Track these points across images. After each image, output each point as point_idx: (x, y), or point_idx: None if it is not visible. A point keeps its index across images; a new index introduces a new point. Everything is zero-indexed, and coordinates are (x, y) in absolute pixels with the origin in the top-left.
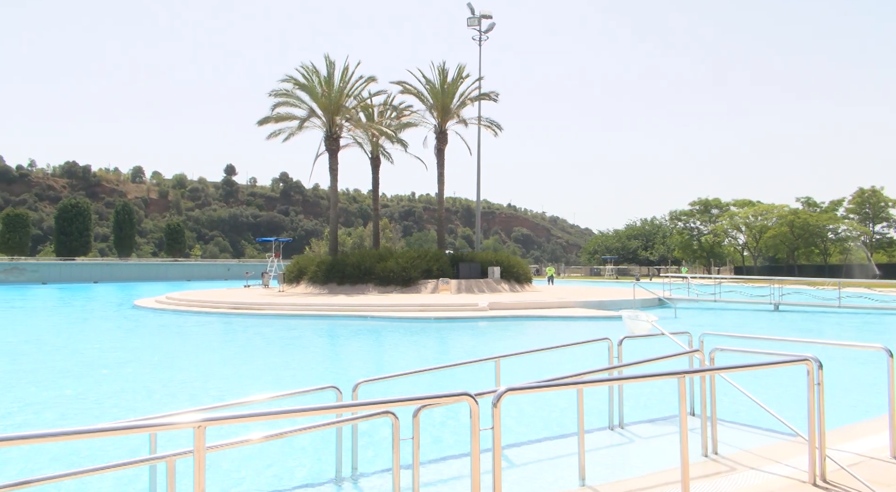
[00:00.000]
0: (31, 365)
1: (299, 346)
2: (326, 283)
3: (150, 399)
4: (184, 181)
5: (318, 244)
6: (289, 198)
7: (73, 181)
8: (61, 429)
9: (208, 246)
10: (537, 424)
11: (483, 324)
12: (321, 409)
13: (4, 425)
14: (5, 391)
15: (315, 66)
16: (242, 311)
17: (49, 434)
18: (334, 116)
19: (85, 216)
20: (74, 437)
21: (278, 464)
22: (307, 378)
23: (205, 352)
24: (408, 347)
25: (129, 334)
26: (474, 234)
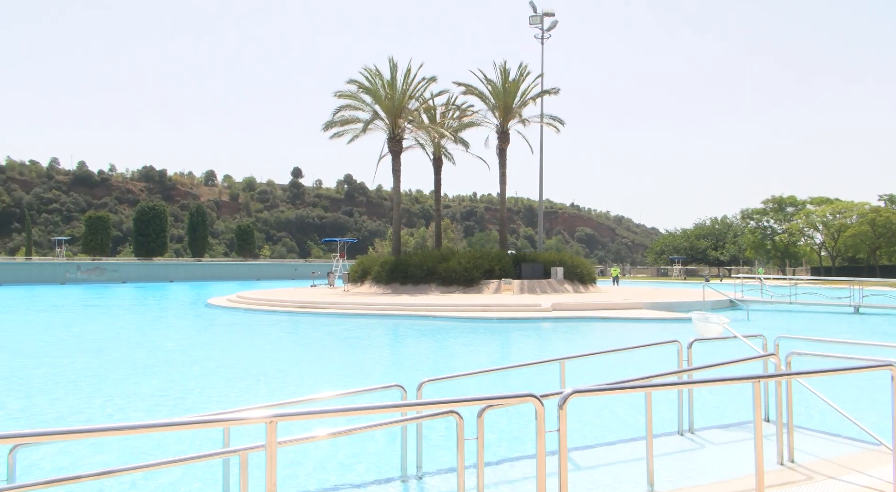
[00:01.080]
0: (113, 361)
1: (364, 344)
2: (390, 283)
3: (222, 395)
4: (253, 184)
5: (382, 245)
6: (353, 199)
7: (150, 185)
8: (141, 422)
9: (276, 246)
10: (602, 427)
11: (546, 325)
12: (387, 407)
13: (89, 418)
14: (89, 386)
15: (378, 69)
16: (309, 310)
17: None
18: (397, 118)
19: (161, 218)
20: (154, 430)
21: (345, 460)
22: (371, 376)
23: (273, 350)
24: (470, 348)
25: (203, 332)
26: (537, 234)
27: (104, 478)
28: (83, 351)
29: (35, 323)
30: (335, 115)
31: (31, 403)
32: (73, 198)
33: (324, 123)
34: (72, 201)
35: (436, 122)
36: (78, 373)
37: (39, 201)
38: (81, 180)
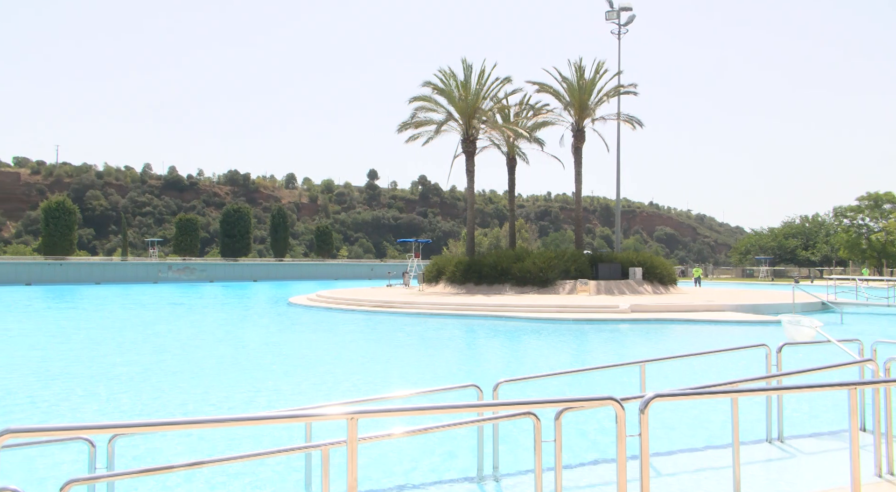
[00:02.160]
0: (201, 357)
1: (438, 344)
2: (464, 283)
3: (303, 391)
4: (331, 186)
5: (456, 245)
6: (427, 200)
7: (234, 188)
8: (228, 416)
9: (353, 247)
10: (684, 433)
11: (624, 327)
12: (464, 407)
13: (176, 412)
14: (176, 380)
15: (452, 71)
16: (385, 309)
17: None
18: (471, 119)
19: (246, 220)
20: (240, 423)
21: (422, 458)
22: (446, 376)
23: (351, 348)
24: (545, 349)
25: (284, 330)
26: (614, 233)
27: (195, 468)
28: (174, 347)
29: (132, 320)
30: (410, 118)
31: (127, 396)
32: (164, 201)
33: (399, 126)
34: (163, 205)
35: (510, 121)
36: (168, 368)
37: (134, 205)
38: (172, 185)
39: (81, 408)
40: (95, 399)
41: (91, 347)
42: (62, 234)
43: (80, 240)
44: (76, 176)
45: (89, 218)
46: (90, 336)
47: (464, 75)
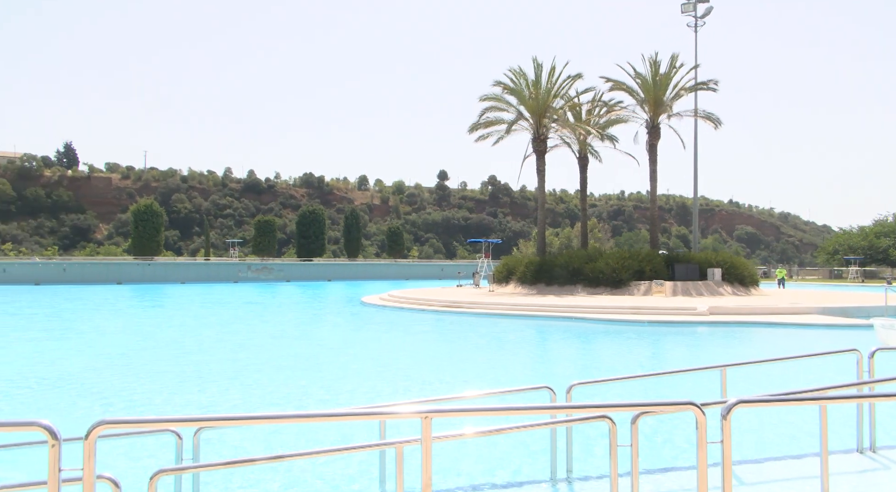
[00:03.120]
0: (278, 354)
1: (509, 345)
2: (535, 283)
3: (376, 389)
4: (402, 187)
5: (526, 245)
6: (497, 200)
7: (310, 190)
8: (306, 411)
9: (424, 247)
10: (768, 441)
11: (702, 329)
12: (538, 409)
13: (256, 407)
14: (257, 377)
15: (522, 70)
16: (455, 309)
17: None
18: (541, 118)
19: (320, 222)
20: (317, 419)
21: (494, 459)
22: (517, 376)
23: (422, 347)
24: (619, 351)
25: (359, 328)
26: (691, 233)
27: (275, 462)
28: (254, 345)
29: (215, 319)
30: (480, 118)
31: (210, 391)
32: (244, 204)
33: (469, 126)
34: (243, 207)
35: (581, 119)
36: (249, 365)
37: (216, 207)
38: (251, 188)
39: (169, 401)
40: (181, 394)
41: (177, 344)
42: (150, 235)
43: (167, 241)
44: (163, 180)
45: (175, 220)
46: (176, 334)
47: (534, 74)
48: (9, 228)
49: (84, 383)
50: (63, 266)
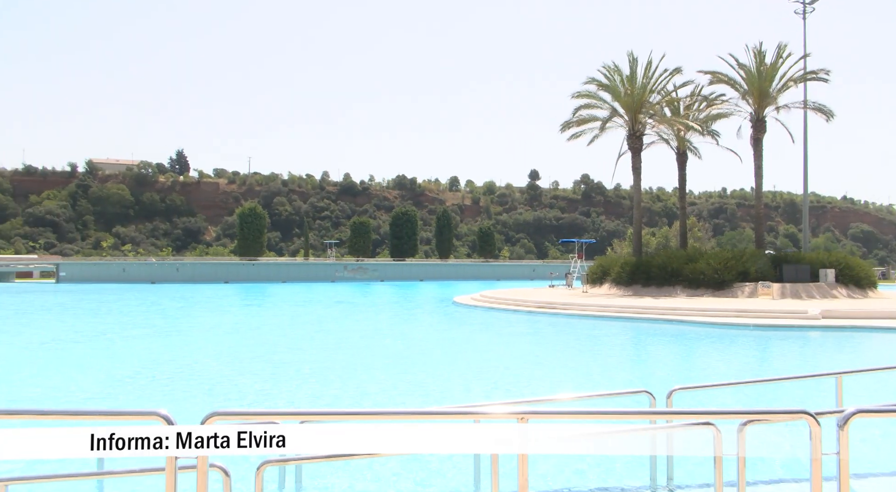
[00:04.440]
0: (375, 352)
1: (604, 347)
2: (631, 284)
3: (468, 388)
4: (493, 188)
5: (621, 245)
6: (590, 199)
7: (402, 192)
8: (402, 409)
9: (515, 248)
10: (887, 453)
11: (814, 334)
12: (638, 413)
13: (354, 403)
14: (354, 374)
15: (617, 65)
16: (547, 310)
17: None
18: (637, 114)
19: (413, 223)
20: (413, 417)
21: (590, 463)
22: (612, 380)
23: (514, 348)
24: (722, 356)
25: (451, 328)
26: (800, 231)
27: (371, 458)
28: (352, 343)
29: (315, 316)
30: (573, 116)
31: (310, 386)
32: (340, 206)
33: (561, 124)
34: (339, 209)
35: (679, 114)
36: (347, 362)
37: (314, 209)
38: (346, 190)
39: (272, 395)
40: (284, 388)
41: (279, 341)
42: (254, 237)
43: (269, 242)
44: (265, 184)
45: (276, 222)
46: (279, 331)
47: (629, 69)
48: (128, 230)
49: (196, 376)
50: (176, 266)
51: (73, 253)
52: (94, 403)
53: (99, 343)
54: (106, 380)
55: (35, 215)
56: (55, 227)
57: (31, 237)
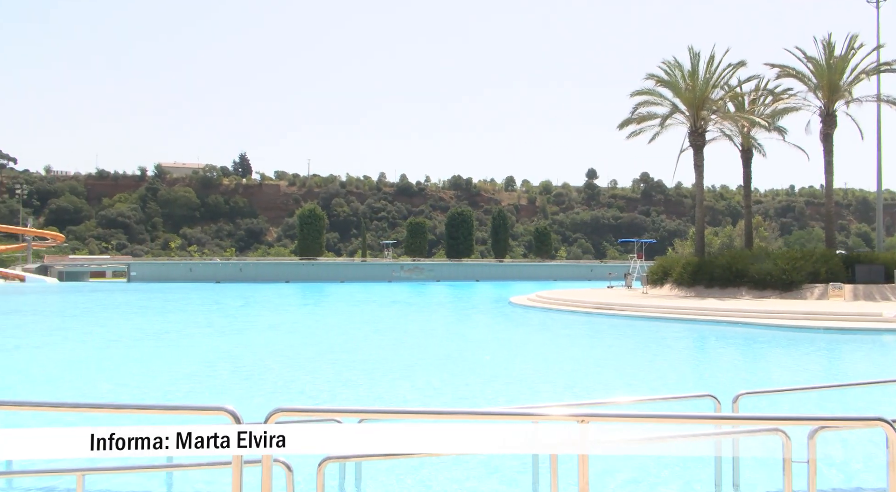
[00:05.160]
0: (432, 352)
1: (665, 349)
2: (693, 285)
3: (524, 389)
4: (549, 187)
5: (682, 245)
6: (650, 198)
7: (458, 192)
8: (460, 409)
9: (572, 248)
10: None
11: (888, 338)
12: (703, 418)
13: (408, 403)
14: (410, 373)
15: (677, 61)
16: (606, 311)
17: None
18: (699, 110)
19: (468, 223)
20: (471, 417)
21: (652, 467)
22: (675, 383)
23: (571, 349)
24: (790, 360)
25: (507, 328)
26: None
27: (429, 457)
28: (409, 342)
29: (372, 315)
30: (632, 113)
31: (368, 384)
32: (396, 206)
33: (619, 123)
34: (396, 210)
35: (744, 110)
36: (404, 361)
37: (371, 210)
38: (403, 191)
39: (330, 393)
40: (342, 386)
41: (338, 339)
42: (313, 237)
43: (328, 242)
44: (324, 186)
45: (334, 223)
46: (338, 330)
47: (690, 64)
48: (194, 231)
49: (258, 373)
50: (239, 266)
51: (143, 253)
52: (162, 398)
53: (166, 340)
54: (172, 376)
55: (107, 217)
56: (126, 228)
57: (104, 238)
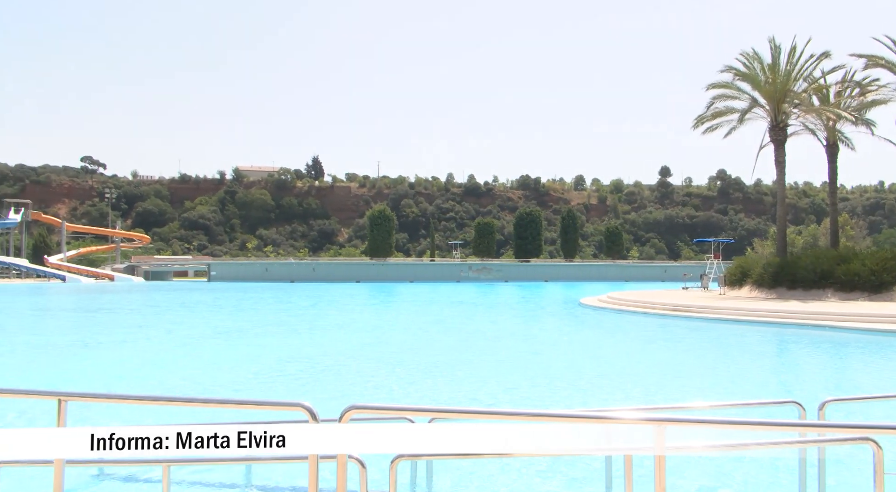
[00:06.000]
0: (502, 352)
1: (745, 353)
2: (774, 287)
3: (594, 392)
4: (620, 186)
5: (762, 245)
6: (727, 196)
7: (526, 192)
8: (532, 410)
9: (644, 248)
10: None
11: None
12: (787, 425)
13: (477, 403)
14: (477, 374)
15: (756, 52)
16: (681, 313)
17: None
18: (780, 104)
19: (537, 223)
20: (543, 419)
21: (731, 475)
22: (756, 389)
23: (644, 351)
24: (881, 366)
25: (578, 330)
26: None
27: (503, 457)
28: (477, 342)
29: (443, 315)
30: (707, 108)
31: (439, 384)
32: (464, 207)
33: (694, 119)
34: (464, 210)
35: (829, 102)
36: (471, 362)
37: (439, 211)
38: (470, 191)
39: (401, 391)
40: (414, 384)
41: (409, 339)
42: (383, 238)
43: (397, 243)
44: (393, 187)
45: (403, 224)
46: (408, 330)
47: (771, 56)
48: (269, 232)
49: (330, 371)
50: (313, 266)
51: (222, 254)
52: (239, 393)
53: (242, 338)
54: (249, 372)
55: (189, 219)
56: (206, 229)
57: (186, 239)
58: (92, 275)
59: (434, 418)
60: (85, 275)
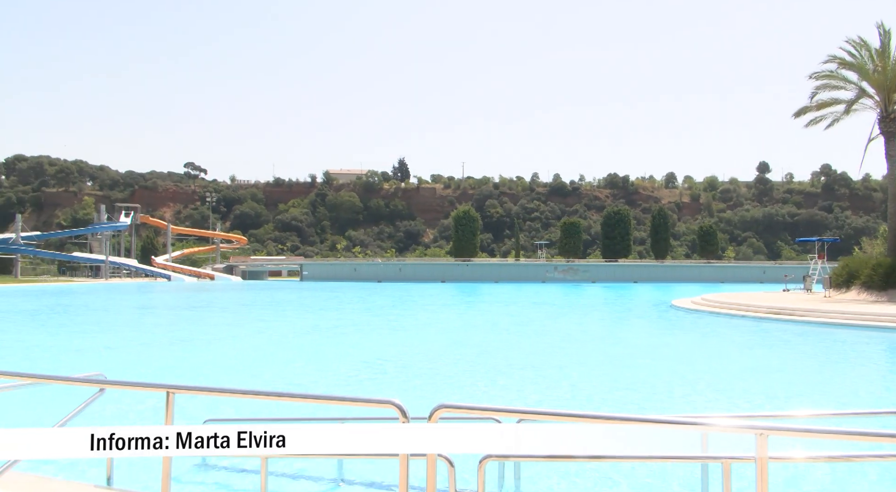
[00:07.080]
0: (591, 355)
1: (852, 359)
2: (885, 289)
3: (691, 397)
4: (714, 183)
5: (871, 244)
6: (832, 192)
7: (614, 191)
8: (623, 414)
9: (741, 248)
10: None
11: None
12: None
13: (565, 405)
14: (565, 376)
15: (864, 40)
16: (782, 316)
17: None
18: (891, 93)
19: (625, 222)
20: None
21: (836, 488)
22: (863, 398)
23: (742, 356)
24: None
25: (670, 333)
26: None
27: (593, 461)
28: (566, 344)
29: (529, 316)
30: (810, 100)
31: (524, 385)
32: (549, 206)
33: (795, 110)
34: (549, 210)
35: None
36: (561, 363)
37: (524, 211)
38: (556, 191)
39: (488, 392)
40: (501, 384)
41: (496, 339)
42: (468, 238)
43: (482, 243)
44: (477, 188)
45: (488, 224)
46: (495, 330)
47: (880, 42)
48: (357, 233)
49: (418, 369)
50: (399, 266)
51: (313, 254)
52: (330, 389)
53: (334, 335)
54: (342, 369)
55: (283, 221)
56: (299, 231)
57: (280, 241)
58: (194, 274)
59: (522, 419)
60: (188, 274)
